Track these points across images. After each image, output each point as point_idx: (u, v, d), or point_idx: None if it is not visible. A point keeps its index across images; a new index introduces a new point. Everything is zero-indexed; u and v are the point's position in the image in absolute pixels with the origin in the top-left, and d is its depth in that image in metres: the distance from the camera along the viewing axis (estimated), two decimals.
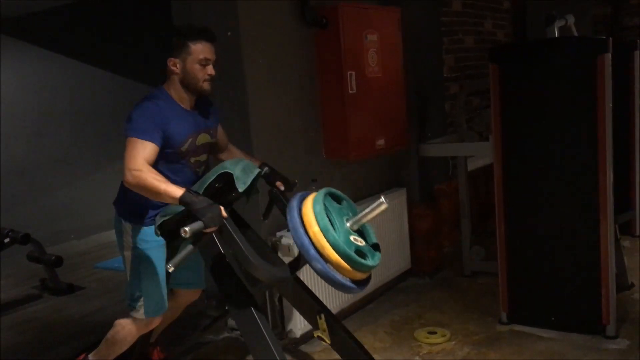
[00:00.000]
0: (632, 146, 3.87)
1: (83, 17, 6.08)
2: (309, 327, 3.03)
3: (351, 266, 2.04)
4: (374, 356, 2.59)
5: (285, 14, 3.48)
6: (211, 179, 2.45)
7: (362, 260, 2.06)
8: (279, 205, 2.67)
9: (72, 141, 6.24)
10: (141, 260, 2.59)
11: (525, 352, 3.24)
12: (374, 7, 3.99)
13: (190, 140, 2.54)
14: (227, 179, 2.45)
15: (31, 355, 3.65)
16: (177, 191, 2.21)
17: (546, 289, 3.43)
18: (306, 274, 3.34)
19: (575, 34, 3.79)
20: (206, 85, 2.52)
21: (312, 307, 2.51)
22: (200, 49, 2.47)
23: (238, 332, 3.42)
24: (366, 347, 2.60)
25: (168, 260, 2.62)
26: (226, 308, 2.97)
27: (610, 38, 3.11)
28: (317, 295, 2.58)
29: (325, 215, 2.05)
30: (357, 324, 3.71)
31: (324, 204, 2.10)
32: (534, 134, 3.34)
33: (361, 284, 2.14)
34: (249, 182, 2.47)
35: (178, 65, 2.49)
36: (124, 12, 6.23)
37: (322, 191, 2.17)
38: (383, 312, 3.91)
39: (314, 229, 2.03)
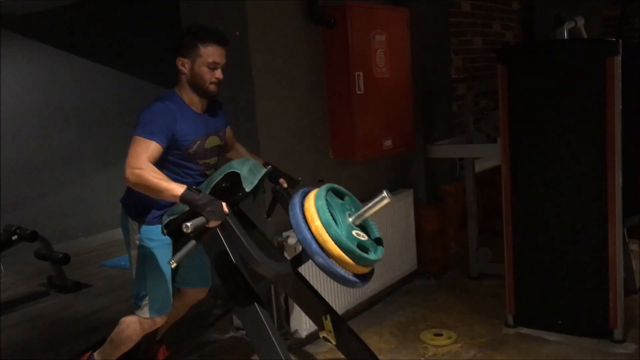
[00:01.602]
0: None
1: (90, 15, 6.09)
2: (314, 327, 3.03)
3: (353, 260, 2.04)
4: (380, 357, 2.59)
5: (293, 13, 3.47)
6: (218, 179, 2.46)
7: (365, 255, 2.06)
8: (282, 203, 2.67)
9: (79, 139, 6.26)
10: (147, 259, 2.60)
11: (531, 355, 3.22)
12: (383, 7, 3.98)
13: (198, 142, 2.54)
14: (234, 179, 2.45)
15: (37, 353, 3.67)
16: (178, 189, 2.21)
17: (553, 291, 3.41)
18: (312, 274, 3.34)
19: (585, 35, 3.76)
20: (212, 88, 2.52)
21: (317, 307, 2.51)
22: (210, 52, 2.46)
23: (243, 331, 3.42)
24: (372, 348, 2.59)
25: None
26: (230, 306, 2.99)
27: (620, 40, 3.09)
28: (323, 295, 2.58)
29: (327, 210, 2.05)
30: (363, 324, 3.70)
31: (326, 199, 2.10)
32: (542, 136, 3.32)
33: (364, 278, 2.14)
34: (255, 182, 2.47)
35: (186, 66, 2.49)
36: (131, 10, 6.25)
37: (324, 187, 2.17)
38: (389, 313, 3.90)
39: (316, 224, 2.03)
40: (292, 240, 3.28)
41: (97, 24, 6.20)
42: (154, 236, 2.57)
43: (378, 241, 2.22)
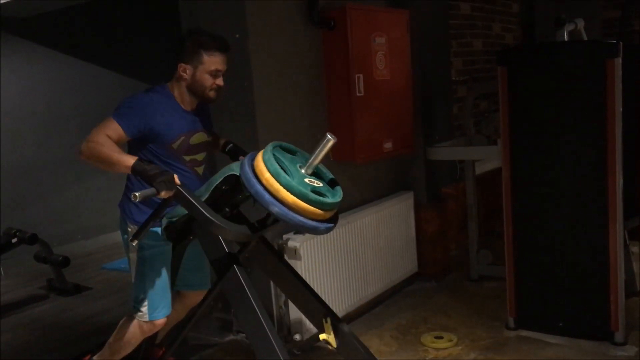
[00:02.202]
0: None
1: (90, 18, 6.10)
2: (314, 330, 3.02)
3: (310, 204, 2.06)
4: None
5: (293, 15, 3.47)
6: (218, 181, 2.45)
7: (321, 198, 2.08)
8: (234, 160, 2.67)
9: (79, 141, 6.25)
10: (146, 263, 2.59)
11: (532, 358, 3.22)
12: (383, 10, 3.98)
13: (182, 138, 2.53)
14: (233, 181, 2.44)
15: (36, 356, 3.66)
16: (129, 159, 2.25)
17: (554, 294, 3.40)
18: (312, 278, 3.33)
19: (585, 37, 3.76)
20: (212, 94, 2.53)
21: (318, 310, 2.51)
22: (213, 60, 2.47)
23: (243, 334, 3.41)
24: (372, 351, 2.58)
25: (174, 264, 2.63)
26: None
27: (621, 42, 3.08)
28: (323, 298, 2.57)
29: (274, 162, 2.09)
30: (363, 327, 3.69)
31: (273, 154, 2.14)
32: (543, 138, 3.32)
33: (328, 222, 2.16)
34: None
35: (188, 72, 2.49)
36: (131, 12, 6.25)
37: (270, 144, 2.21)
38: (389, 316, 3.89)
39: (266, 176, 2.06)
40: (292, 243, 3.28)
41: (96, 26, 6.21)
42: (153, 239, 2.56)
43: (332, 182, 2.25)
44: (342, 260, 3.61)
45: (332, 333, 2.46)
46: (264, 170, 2.08)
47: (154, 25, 6.24)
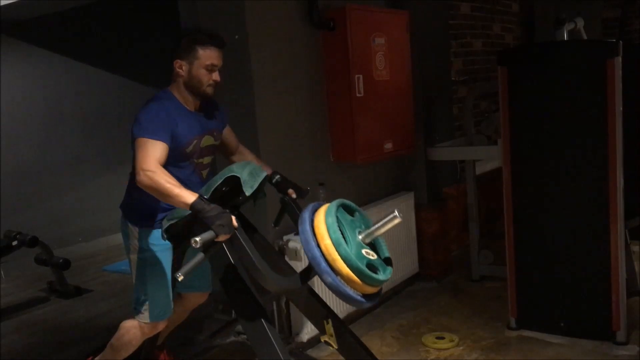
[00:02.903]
0: None
1: (89, 20, 6.09)
2: (316, 331, 3.02)
3: (362, 280, 2.01)
4: None
5: (293, 16, 3.47)
6: (218, 183, 2.45)
7: (374, 275, 2.03)
8: (290, 214, 2.65)
9: (80, 144, 6.25)
10: (147, 264, 2.58)
11: (534, 358, 3.21)
12: (382, 10, 3.99)
13: (195, 141, 2.53)
14: (234, 183, 2.44)
15: (38, 359, 3.65)
16: (189, 197, 2.18)
17: (555, 294, 3.40)
18: (312, 279, 3.32)
19: (585, 37, 3.76)
20: (209, 90, 2.52)
21: (319, 311, 2.50)
22: (208, 55, 2.47)
23: (245, 336, 3.41)
24: (373, 351, 2.58)
25: (174, 264, 2.62)
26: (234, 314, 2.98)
27: (621, 41, 3.08)
28: (324, 299, 2.57)
29: (337, 228, 2.02)
30: (365, 328, 3.69)
31: (337, 216, 2.07)
32: (543, 138, 3.31)
33: (371, 297, 2.11)
34: (256, 186, 2.46)
35: (184, 68, 2.49)
36: (130, 14, 6.24)
37: (335, 203, 2.14)
38: (391, 317, 3.89)
39: (326, 242, 2.00)
40: (293, 244, 3.27)
41: (95, 28, 6.20)
42: (154, 241, 2.56)
43: (387, 261, 2.19)
44: None
45: (333, 334, 2.46)
46: (325, 235, 2.01)
47: (153, 27, 6.23)
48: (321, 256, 2.00)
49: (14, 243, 4.42)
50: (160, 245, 2.56)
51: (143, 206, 2.55)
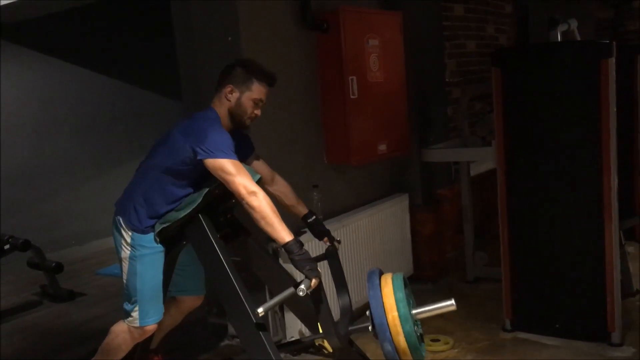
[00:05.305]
0: (636, 151, 3.84)
1: (83, 23, 6.07)
2: (310, 334, 3.00)
3: (412, 355, 2.17)
4: None
5: (286, 17, 3.46)
6: (213, 185, 2.44)
7: (422, 352, 2.21)
8: (332, 264, 2.66)
9: (73, 147, 6.23)
10: (138, 267, 2.57)
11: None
12: (376, 12, 3.98)
13: None
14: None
15: None
16: (287, 235, 2.29)
17: (550, 295, 3.39)
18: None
19: (578, 38, 3.76)
20: (248, 122, 2.59)
21: (313, 314, 2.49)
22: (260, 90, 2.55)
23: (238, 339, 3.38)
24: (368, 354, 2.58)
25: (167, 269, 2.60)
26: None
27: (614, 42, 3.08)
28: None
29: (407, 306, 2.17)
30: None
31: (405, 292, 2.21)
32: (537, 139, 3.31)
33: None
34: None
35: (234, 95, 2.53)
36: (124, 17, 6.23)
37: (401, 276, 2.28)
38: None
39: (394, 314, 2.15)
40: None
41: (90, 31, 6.18)
42: (146, 243, 2.54)
43: (421, 337, 2.33)
44: None
45: None
46: (394, 307, 2.16)
47: (148, 30, 6.21)
48: (387, 325, 2.15)
49: (6, 247, 4.39)
50: (152, 248, 2.54)
51: (137, 209, 2.54)
